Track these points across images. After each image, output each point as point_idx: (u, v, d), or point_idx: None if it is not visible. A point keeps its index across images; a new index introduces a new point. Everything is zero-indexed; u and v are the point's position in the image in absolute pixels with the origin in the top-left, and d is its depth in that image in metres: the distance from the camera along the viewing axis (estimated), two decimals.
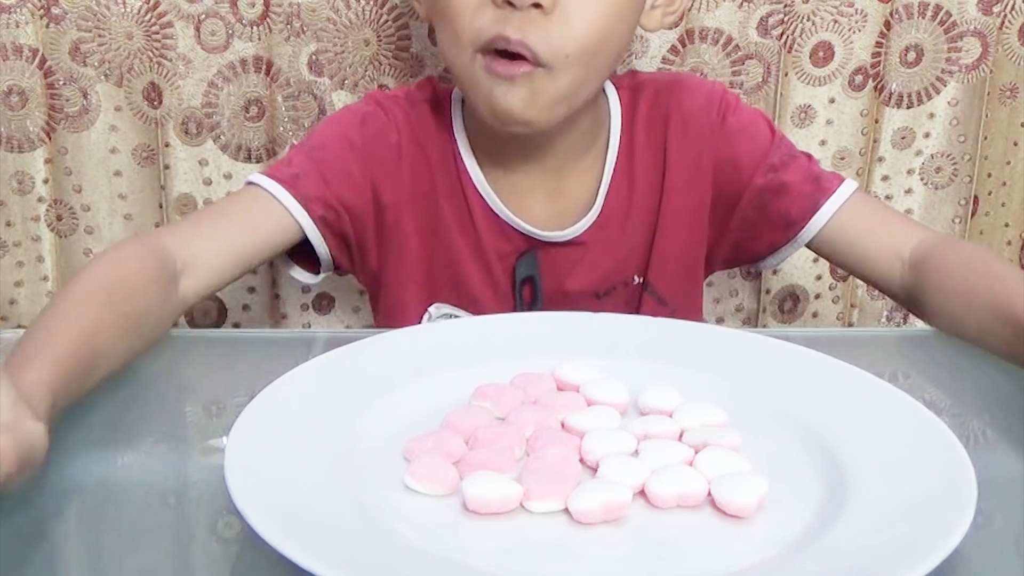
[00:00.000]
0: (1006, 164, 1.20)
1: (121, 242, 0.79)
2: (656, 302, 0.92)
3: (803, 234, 0.89)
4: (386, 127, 0.89)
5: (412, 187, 0.89)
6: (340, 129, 0.89)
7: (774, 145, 0.90)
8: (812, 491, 0.54)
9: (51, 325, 0.63)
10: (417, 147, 0.89)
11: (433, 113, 0.90)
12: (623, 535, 0.51)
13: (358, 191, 0.87)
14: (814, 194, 0.88)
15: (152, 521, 0.54)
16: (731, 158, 0.90)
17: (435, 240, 0.90)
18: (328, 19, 1.06)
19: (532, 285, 0.89)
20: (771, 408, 0.62)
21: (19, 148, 1.07)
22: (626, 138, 0.90)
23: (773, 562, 0.49)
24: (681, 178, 0.90)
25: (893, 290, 0.87)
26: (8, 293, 1.12)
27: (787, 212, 0.89)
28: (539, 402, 0.62)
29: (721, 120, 0.90)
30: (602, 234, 0.90)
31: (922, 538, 0.47)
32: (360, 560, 0.46)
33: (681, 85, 0.92)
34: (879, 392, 0.62)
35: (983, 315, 0.75)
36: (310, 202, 0.84)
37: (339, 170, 0.86)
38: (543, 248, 0.89)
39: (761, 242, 0.92)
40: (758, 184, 0.89)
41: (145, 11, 1.04)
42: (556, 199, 0.90)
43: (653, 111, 0.91)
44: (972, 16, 1.12)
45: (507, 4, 0.77)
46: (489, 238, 0.89)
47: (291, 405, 0.58)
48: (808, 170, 0.90)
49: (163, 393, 0.70)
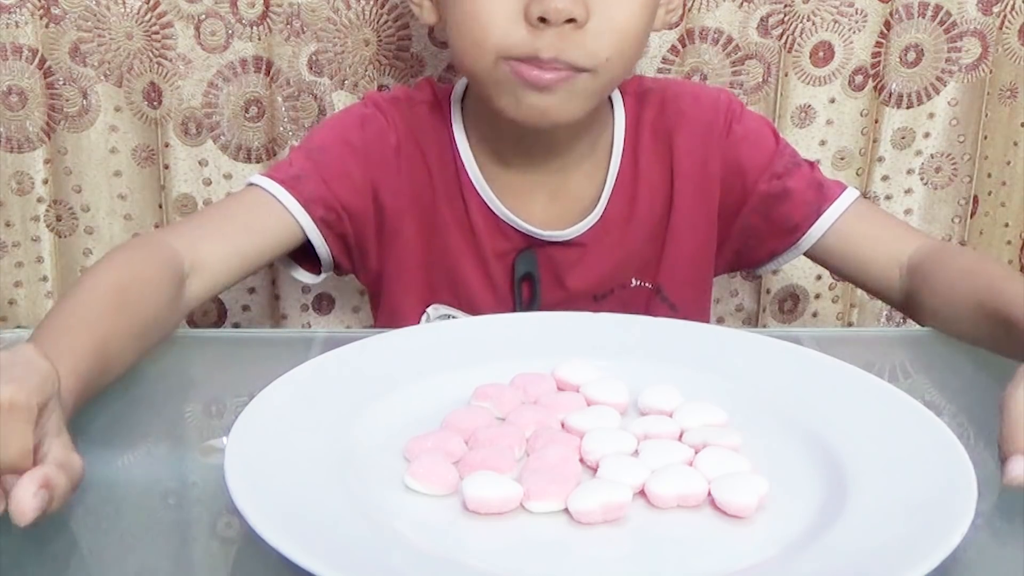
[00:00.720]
0: (1006, 164, 1.20)
1: (127, 243, 0.79)
2: (668, 308, 0.92)
3: (804, 240, 0.90)
4: (385, 129, 0.89)
5: (411, 188, 0.89)
6: (340, 131, 0.89)
7: (778, 152, 0.91)
8: (812, 491, 0.54)
9: (65, 330, 0.62)
10: (415, 148, 0.89)
11: (431, 114, 0.90)
12: (623, 535, 0.51)
13: (358, 192, 0.87)
14: (816, 201, 0.89)
15: (152, 521, 0.54)
16: (736, 165, 0.91)
17: (434, 241, 0.90)
18: (328, 19, 1.06)
19: (531, 282, 0.90)
20: (771, 408, 0.62)
21: (19, 148, 1.07)
22: (631, 143, 0.91)
23: (773, 562, 0.49)
24: (689, 185, 0.91)
25: (892, 296, 0.88)
26: (7, 294, 1.12)
27: (789, 218, 0.90)
28: (539, 402, 0.62)
29: (727, 128, 0.91)
30: (602, 236, 0.90)
31: (922, 538, 0.47)
32: (360, 560, 0.46)
33: (688, 93, 0.93)
34: (879, 392, 0.62)
35: (974, 311, 0.75)
36: (311, 203, 0.84)
37: (339, 172, 0.86)
38: (542, 247, 0.90)
39: (762, 248, 0.93)
40: (762, 191, 0.90)
41: (145, 11, 1.04)
42: (557, 200, 0.90)
43: (660, 118, 0.91)
44: (972, 16, 1.12)
45: (541, 21, 0.76)
46: (487, 238, 0.89)
47: (291, 405, 0.58)
48: (811, 177, 0.90)
49: (163, 393, 0.70)
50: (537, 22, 0.76)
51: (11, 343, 0.76)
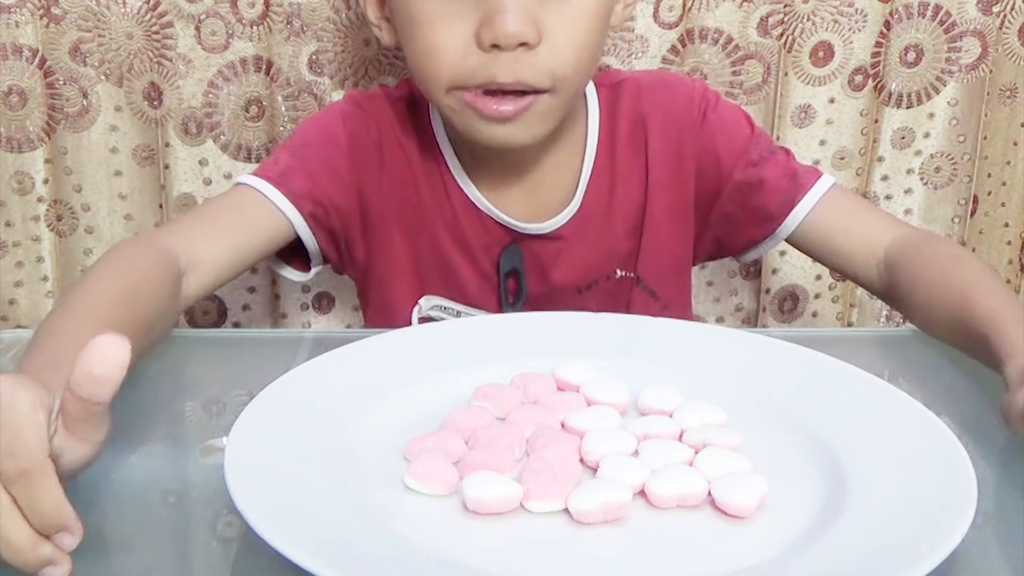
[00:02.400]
0: (1006, 164, 1.20)
1: (124, 242, 0.79)
2: (648, 296, 0.93)
3: (781, 230, 0.90)
4: (367, 124, 0.89)
5: (394, 182, 0.90)
6: (323, 127, 0.90)
7: (753, 140, 0.91)
8: (812, 491, 0.54)
9: (71, 329, 0.62)
10: (397, 144, 0.90)
11: (410, 111, 0.91)
12: (623, 535, 0.51)
13: (344, 187, 0.88)
14: (791, 189, 0.89)
15: (152, 521, 0.54)
16: (712, 153, 0.91)
17: (420, 234, 0.91)
18: (328, 19, 1.06)
19: (516, 277, 0.90)
20: (771, 408, 0.62)
21: (19, 148, 1.07)
22: (606, 134, 0.91)
23: (773, 562, 0.49)
24: (664, 174, 0.91)
25: (872, 286, 0.88)
26: (8, 293, 1.12)
27: (765, 207, 0.90)
28: (539, 402, 0.62)
29: (702, 116, 0.91)
30: (582, 228, 0.90)
31: (922, 538, 0.47)
32: (360, 560, 0.46)
33: (662, 83, 0.93)
34: (879, 392, 0.62)
35: (949, 321, 0.75)
36: (299, 199, 0.85)
37: (325, 167, 0.87)
38: (525, 241, 0.90)
39: (740, 237, 0.93)
40: (737, 179, 0.90)
41: (145, 11, 1.04)
42: (534, 193, 0.90)
43: (635, 109, 0.91)
44: (972, 16, 1.12)
45: (494, 48, 0.77)
46: (472, 231, 0.90)
47: (291, 405, 0.58)
48: (786, 166, 0.91)
49: (163, 393, 0.70)
50: (490, 48, 0.77)
51: (11, 343, 0.76)
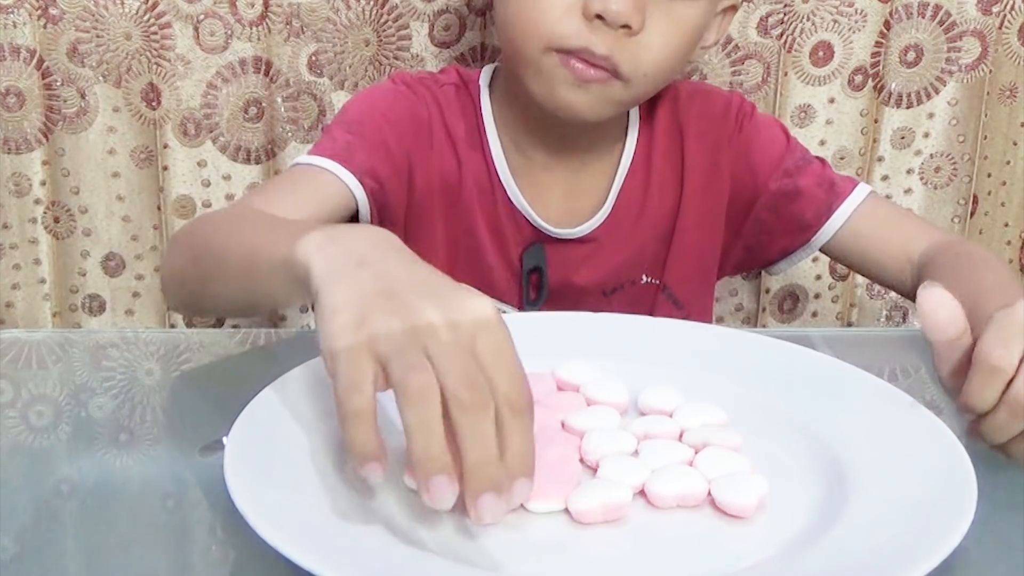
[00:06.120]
0: (1006, 164, 1.20)
1: (218, 211, 0.79)
2: (672, 304, 0.93)
3: (816, 238, 0.90)
4: (416, 105, 0.89)
5: (440, 166, 0.89)
6: (374, 104, 0.89)
7: (789, 150, 0.92)
8: (812, 491, 0.54)
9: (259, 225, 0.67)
10: (443, 128, 0.89)
11: (458, 96, 0.91)
12: (623, 535, 0.51)
13: (395, 165, 0.87)
14: (828, 198, 0.90)
15: (151, 522, 0.54)
16: (747, 163, 0.91)
17: (458, 221, 0.90)
18: (328, 19, 1.06)
19: (539, 276, 0.90)
20: (771, 408, 0.62)
21: (16, 149, 1.07)
22: (644, 142, 0.91)
23: (773, 562, 0.49)
24: (698, 183, 0.91)
25: (906, 292, 0.88)
26: (5, 296, 1.12)
27: (801, 216, 0.90)
28: (539, 402, 0.61)
29: (738, 127, 0.92)
30: (612, 232, 0.91)
31: (922, 538, 0.47)
32: (360, 560, 0.46)
33: (700, 93, 0.94)
34: (879, 392, 0.62)
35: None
36: (363, 175, 0.84)
37: (379, 144, 0.86)
38: (551, 242, 0.90)
39: (774, 247, 0.94)
40: (772, 189, 0.91)
41: (143, 11, 1.04)
42: (571, 197, 0.91)
43: (672, 118, 0.92)
44: (972, 16, 1.12)
45: (597, 18, 0.77)
46: (506, 226, 0.90)
47: (291, 405, 0.58)
48: (823, 175, 0.91)
49: (163, 393, 0.70)
50: (594, 18, 0.77)
51: (9, 344, 0.76)
